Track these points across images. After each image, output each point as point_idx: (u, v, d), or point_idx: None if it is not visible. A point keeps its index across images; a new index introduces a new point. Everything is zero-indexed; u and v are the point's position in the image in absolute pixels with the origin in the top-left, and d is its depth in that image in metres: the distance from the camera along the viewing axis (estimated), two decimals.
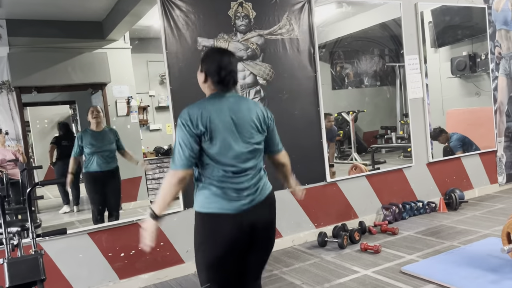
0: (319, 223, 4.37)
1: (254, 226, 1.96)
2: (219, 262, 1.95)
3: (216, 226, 1.93)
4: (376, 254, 3.73)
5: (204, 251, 1.98)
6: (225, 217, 1.91)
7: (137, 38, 4.98)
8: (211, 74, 1.97)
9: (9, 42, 4.02)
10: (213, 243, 1.94)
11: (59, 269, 3.27)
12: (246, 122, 1.96)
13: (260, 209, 1.98)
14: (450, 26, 5.62)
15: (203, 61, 2.01)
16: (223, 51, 2.08)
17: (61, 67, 4.64)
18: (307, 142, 4.29)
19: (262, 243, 2.05)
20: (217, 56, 2.00)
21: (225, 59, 1.97)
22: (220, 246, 1.93)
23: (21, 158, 3.97)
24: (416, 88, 5.02)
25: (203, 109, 1.90)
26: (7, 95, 3.92)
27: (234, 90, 2.03)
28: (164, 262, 3.65)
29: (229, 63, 1.97)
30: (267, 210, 2.04)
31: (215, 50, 2.07)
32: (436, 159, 5.17)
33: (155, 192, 4.93)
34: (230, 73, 1.96)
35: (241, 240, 1.95)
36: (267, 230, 2.05)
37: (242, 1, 3.96)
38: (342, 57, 5.55)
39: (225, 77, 1.95)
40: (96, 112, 4.15)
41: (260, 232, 1.99)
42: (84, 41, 4.82)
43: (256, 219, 1.96)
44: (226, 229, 1.92)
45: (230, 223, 1.91)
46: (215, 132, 1.89)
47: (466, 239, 3.90)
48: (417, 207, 4.84)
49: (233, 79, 1.98)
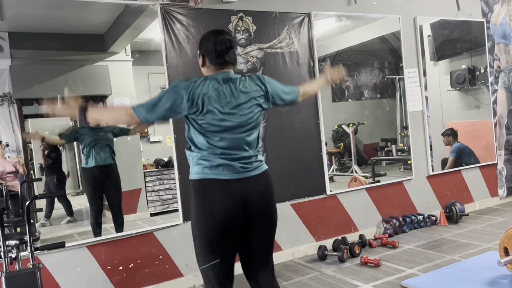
0: (319, 236, 4.35)
1: (248, 198, 1.96)
2: (214, 235, 1.94)
3: (208, 192, 1.94)
4: (376, 268, 3.71)
5: (198, 224, 1.98)
6: (216, 182, 1.93)
7: (138, 51, 5.02)
8: (208, 53, 2.00)
9: (11, 54, 4.05)
10: (206, 213, 1.94)
11: (57, 282, 3.25)
12: (243, 100, 1.98)
13: (253, 181, 1.99)
14: (449, 39, 5.66)
15: (200, 44, 2.07)
16: (217, 30, 2.10)
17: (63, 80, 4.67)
18: (307, 155, 4.29)
19: (261, 221, 2.03)
20: (212, 35, 2.04)
21: (219, 36, 2.01)
22: (213, 215, 1.93)
23: (21, 170, 3.97)
24: (415, 101, 5.04)
25: (203, 83, 1.94)
26: (8, 107, 3.94)
27: (233, 68, 2.05)
28: (163, 276, 3.63)
29: (223, 39, 2.01)
30: (262, 183, 2.03)
31: (210, 31, 2.10)
32: (436, 172, 5.17)
33: (155, 205, 4.92)
34: (223, 42, 1.99)
35: (234, 211, 1.94)
36: (264, 204, 2.03)
37: (242, 15, 3.99)
38: None
39: (221, 52, 1.98)
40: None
41: (256, 206, 1.98)
42: (86, 53, 4.86)
43: (249, 191, 1.97)
44: (218, 196, 1.93)
45: (221, 189, 1.93)
46: (208, 104, 1.91)
47: (467, 253, 3.87)
48: (417, 220, 4.82)
49: (228, 47, 1.99)
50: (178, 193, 3.74)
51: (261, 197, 2.01)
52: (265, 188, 2.04)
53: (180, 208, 3.73)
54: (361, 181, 4.84)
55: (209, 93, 1.92)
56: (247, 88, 2.01)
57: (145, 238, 3.59)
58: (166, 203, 4.80)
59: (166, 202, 4.79)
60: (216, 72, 2.01)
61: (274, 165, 4.08)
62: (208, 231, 1.96)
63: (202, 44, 2.05)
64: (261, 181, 2.03)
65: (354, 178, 4.95)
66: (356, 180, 4.88)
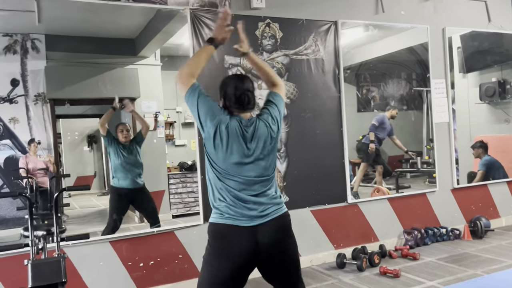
0: (338, 244, 4.33)
1: (260, 246, 1.97)
2: (221, 276, 1.97)
3: (219, 237, 2.00)
4: (396, 279, 3.66)
5: (207, 264, 2.03)
6: (229, 228, 1.97)
7: (167, 56, 5.15)
8: (228, 96, 2.06)
9: (46, 56, 4.22)
10: (216, 257, 1.99)
11: (80, 275, 3.35)
12: (260, 141, 2.03)
13: (268, 228, 1.99)
14: (479, 51, 5.57)
15: (221, 88, 2.12)
16: (237, 75, 2.22)
17: (93, 81, 4.82)
18: (329, 162, 4.30)
19: (277, 263, 2.04)
20: (231, 80, 2.13)
21: (239, 81, 2.09)
22: (223, 260, 1.97)
23: (52, 168, 4.10)
24: (442, 112, 4.97)
25: (224, 114, 2.03)
26: (41, 107, 4.09)
27: (250, 113, 2.10)
28: (182, 275, 3.68)
29: (243, 83, 2.08)
30: (277, 230, 2.02)
31: (230, 76, 2.20)
32: (462, 185, 5.07)
33: (177, 207, 5.00)
34: (244, 92, 2.05)
35: (245, 258, 1.97)
36: (278, 251, 2.02)
37: (270, 21, 4.06)
38: (368, 79, 5.56)
39: (240, 96, 2.04)
40: (126, 132, 4.20)
41: (269, 253, 1.99)
42: (117, 57, 5.01)
43: (262, 238, 1.97)
44: (229, 241, 1.97)
45: (233, 235, 1.96)
46: (221, 140, 1.97)
47: (490, 268, 3.78)
48: (440, 233, 4.73)
49: (248, 97, 2.05)
50: (200, 194, 3.80)
51: (274, 241, 2.00)
52: (279, 237, 2.03)
53: (201, 209, 3.79)
54: (384, 192, 4.79)
55: (228, 130, 1.98)
56: (261, 130, 2.05)
57: (166, 236, 3.66)
58: (188, 206, 4.88)
59: (188, 204, 4.86)
60: (234, 115, 2.07)
61: (296, 171, 4.11)
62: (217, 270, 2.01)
63: (223, 88, 2.11)
64: (275, 229, 2.02)
65: (377, 189, 4.90)
66: (379, 191, 4.84)
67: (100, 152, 6.17)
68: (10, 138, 3.98)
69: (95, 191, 6.20)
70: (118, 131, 4.20)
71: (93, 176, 6.03)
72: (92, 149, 6.33)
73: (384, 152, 5.93)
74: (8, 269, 3.12)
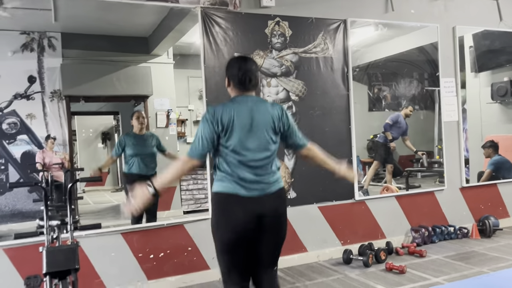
0: (345, 240, 4.37)
1: (262, 214, 2.14)
2: (231, 243, 2.16)
3: (227, 205, 2.15)
4: (401, 275, 3.70)
5: (217, 233, 2.21)
6: (235, 198, 2.13)
7: (179, 54, 5.25)
8: (232, 77, 2.24)
9: (62, 54, 4.34)
10: (224, 223, 2.16)
11: (92, 265, 3.46)
12: (263, 122, 2.19)
13: (268, 199, 2.17)
14: (491, 50, 5.55)
15: (227, 68, 2.29)
16: (242, 57, 2.38)
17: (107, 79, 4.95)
18: (337, 159, 4.32)
19: (270, 233, 2.21)
20: (236, 61, 2.30)
21: (243, 62, 2.25)
22: (230, 227, 2.14)
23: (66, 165, 4.23)
24: (451, 111, 4.98)
25: (225, 108, 2.16)
26: (57, 103, 4.21)
27: (253, 91, 2.27)
28: (190, 267, 3.77)
29: (245, 64, 2.24)
30: (275, 202, 2.21)
31: (235, 57, 2.40)
32: (471, 184, 5.07)
33: (188, 203, 5.10)
34: (246, 73, 2.21)
35: (248, 224, 2.13)
36: (274, 221, 2.20)
37: (279, 20, 4.12)
38: (380, 79, 5.58)
39: (242, 76, 2.20)
40: (142, 118, 4.36)
41: (267, 221, 2.17)
42: (131, 55, 5.13)
43: (264, 208, 2.15)
44: (235, 210, 2.13)
45: (238, 204, 2.13)
46: (232, 130, 2.13)
47: (497, 266, 3.79)
48: (448, 231, 4.74)
49: (249, 77, 2.21)
50: (209, 189, 3.88)
51: (273, 212, 2.19)
52: (278, 207, 2.22)
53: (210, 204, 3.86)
54: (393, 190, 4.81)
55: (232, 116, 2.13)
56: (264, 110, 2.21)
57: (176, 229, 3.75)
58: (198, 202, 4.96)
59: (199, 201, 4.95)
60: (238, 95, 2.24)
61: (304, 167, 4.17)
62: (226, 240, 2.20)
63: (228, 68, 2.28)
64: (275, 199, 2.21)
65: (386, 188, 4.93)
66: (388, 189, 4.86)
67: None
68: (27, 134, 4.11)
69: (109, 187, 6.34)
70: (134, 117, 4.35)
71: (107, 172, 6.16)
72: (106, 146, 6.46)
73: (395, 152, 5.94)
74: (24, 258, 3.24)
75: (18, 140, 4.08)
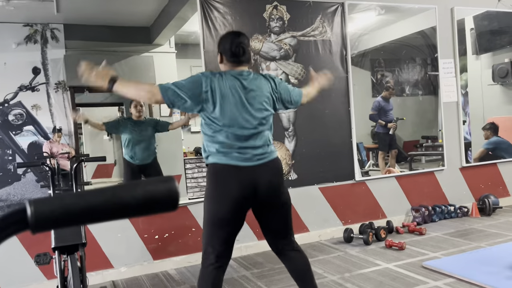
0: (346, 220, 4.46)
1: (257, 184, 2.15)
2: (223, 215, 2.15)
3: (221, 176, 2.16)
4: (400, 251, 3.78)
5: (210, 203, 2.20)
6: (229, 168, 2.14)
7: (181, 43, 5.31)
8: (225, 51, 2.25)
9: (65, 45, 4.43)
10: (218, 194, 2.16)
11: (99, 245, 3.58)
12: (257, 96, 2.21)
13: (263, 169, 2.18)
14: (492, 32, 5.56)
15: (219, 45, 2.30)
16: (233, 32, 2.37)
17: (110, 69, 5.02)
18: (336, 140, 4.42)
19: (271, 202, 2.23)
20: (228, 35, 2.31)
21: (234, 36, 2.27)
22: (224, 198, 2.14)
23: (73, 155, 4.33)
24: (450, 92, 5.02)
25: (217, 75, 2.18)
26: (62, 94, 4.30)
27: (247, 66, 2.29)
28: (195, 247, 3.87)
29: (238, 38, 2.24)
30: (270, 171, 2.22)
31: (228, 32, 2.38)
32: (470, 164, 5.12)
33: (193, 191, 5.19)
34: (238, 45, 2.22)
35: (244, 194, 2.14)
36: (272, 189, 2.20)
37: (277, 3, 4.18)
38: (382, 64, 5.61)
39: (235, 50, 2.22)
40: (140, 106, 4.46)
41: (264, 192, 2.17)
42: (133, 45, 5.20)
43: (259, 177, 2.16)
44: (230, 179, 2.14)
45: (233, 173, 2.14)
46: (220, 98, 2.14)
47: (494, 241, 3.87)
48: (448, 210, 4.81)
49: (242, 48, 2.22)
50: None
51: (269, 182, 2.19)
52: (272, 177, 2.22)
53: None
54: (395, 173, 4.87)
55: (224, 86, 2.15)
56: (258, 84, 2.23)
57: (180, 210, 3.85)
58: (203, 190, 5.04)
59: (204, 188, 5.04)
60: (231, 69, 2.24)
61: (304, 149, 4.25)
62: (217, 210, 2.18)
63: (220, 43, 2.28)
64: (269, 169, 2.21)
65: (388, 171, 4.99)
66: (389, 172, 4.92)
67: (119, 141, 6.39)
68: (33, 124, 4.20)
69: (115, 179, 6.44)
70: (132, 106, 4.46)
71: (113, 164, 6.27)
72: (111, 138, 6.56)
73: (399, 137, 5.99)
74: (32, 239, 3.36)
75: (25, 131, 4.17)
